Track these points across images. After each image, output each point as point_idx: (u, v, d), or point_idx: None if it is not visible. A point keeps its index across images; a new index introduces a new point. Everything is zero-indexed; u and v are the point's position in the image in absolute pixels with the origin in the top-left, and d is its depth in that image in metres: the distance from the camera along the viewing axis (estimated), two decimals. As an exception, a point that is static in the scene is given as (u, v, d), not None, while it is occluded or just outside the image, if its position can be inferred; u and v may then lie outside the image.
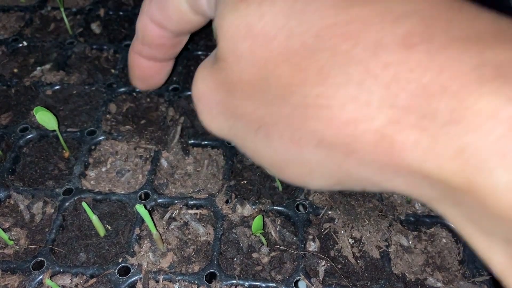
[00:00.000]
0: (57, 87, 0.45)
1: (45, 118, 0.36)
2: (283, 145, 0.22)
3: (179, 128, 0.41)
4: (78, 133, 0.41)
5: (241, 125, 0.24)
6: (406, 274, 0.33)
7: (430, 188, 0.18)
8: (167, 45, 0.33)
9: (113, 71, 0.47)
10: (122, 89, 0.45)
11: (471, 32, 0.17)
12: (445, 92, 0.16)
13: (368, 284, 0.32)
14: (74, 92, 0.45)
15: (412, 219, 0.36)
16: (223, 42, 0.22)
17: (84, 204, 0.33)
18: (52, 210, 0.36)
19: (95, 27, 0.53)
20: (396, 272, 0.33)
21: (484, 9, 0.19)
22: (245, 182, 0.38)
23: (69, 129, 0.42)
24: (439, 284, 0.33)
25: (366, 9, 0.19)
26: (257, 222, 0.32)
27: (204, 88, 0.25)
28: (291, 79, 0.20)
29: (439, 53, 0.17)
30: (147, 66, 0.36)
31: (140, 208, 0.31)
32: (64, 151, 0.40)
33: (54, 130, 0.38)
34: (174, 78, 0.46)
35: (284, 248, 0.34)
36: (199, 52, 0.49)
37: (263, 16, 0.21)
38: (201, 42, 0.50)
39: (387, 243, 0.34)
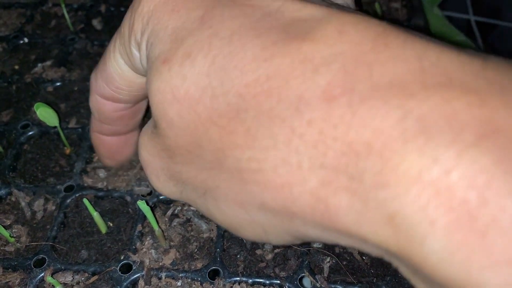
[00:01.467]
0: (58, 84, 0.45)
1: (46, 114, 0.36)
2: (231, 207, 0.20)
3: None
4: (80, 129, 0.41)
5: (190, 189, 0.23)
6: (413, 270, 0.33)
7: (375, 248, 0.17)
8: (126, 117, 0.32)
9: (114, 67, 0.47)
10: (124, 85, 0.45)
11: (395, 76, 0.16)
12: (370, 150, 0.15)
13: (374, 281, 0.32)
14: (76, 88, 0.45)
15: (418, 215, 0.36)
16: (153, 108, 0.21)
17: (85, 201, 0.32)
18: (54, 207, 0.36)
19: (96, 23, 0.52)
20: (402, 269, 0.33)
21: (414, 36, 0.17)
22: (248, 178, 0.38)
23: (70, 126, 0.41)
24: (446, 281, 0.32)
25: (286, 59, 0.17)
26: (260, 218, 0.31)
27: (147, 156, 0.24)
28: (221, 143, 0.19)
29: (361, 105, 0.15)
30: (112, 143, 0.35)
31: (142, 205, 0.30)
32: (65, 147, 0.40)
33: (55, 127, 0.38)
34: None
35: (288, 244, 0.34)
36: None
37: (185, 78, 0.19)
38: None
39: (392, 239, 0.34)
